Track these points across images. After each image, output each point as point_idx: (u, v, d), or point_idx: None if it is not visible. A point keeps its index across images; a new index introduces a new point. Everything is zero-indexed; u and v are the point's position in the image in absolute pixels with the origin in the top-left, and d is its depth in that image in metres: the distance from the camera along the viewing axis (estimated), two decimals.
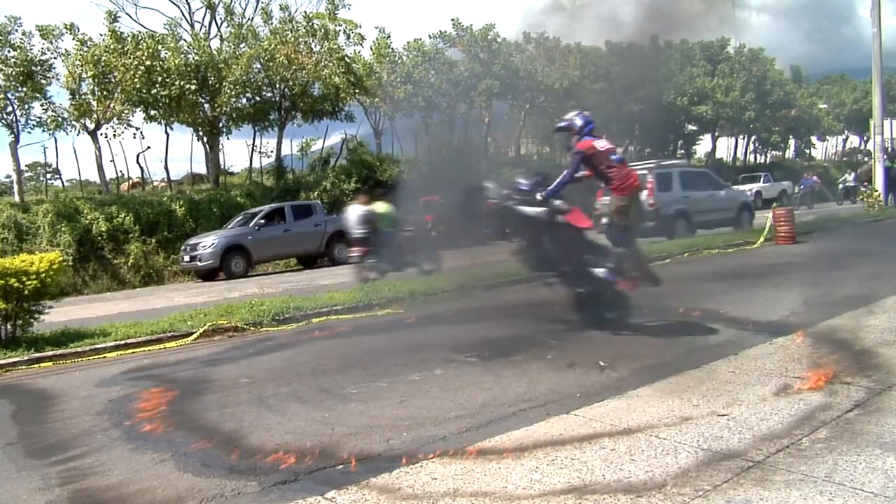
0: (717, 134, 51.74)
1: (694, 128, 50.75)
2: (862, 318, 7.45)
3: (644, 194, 16.91)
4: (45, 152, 62.27)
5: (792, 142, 58.06)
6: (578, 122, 8.03)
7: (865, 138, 56.33)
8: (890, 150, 28.48)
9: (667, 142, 49.92)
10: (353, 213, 15.24)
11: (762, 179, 41.92)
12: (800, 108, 52.15)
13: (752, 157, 56.54)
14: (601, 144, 7.81)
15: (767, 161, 56.39)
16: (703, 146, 56.19)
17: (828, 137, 62.78)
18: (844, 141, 66.97)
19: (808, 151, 60.33)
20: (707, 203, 20.73)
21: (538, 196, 7.92)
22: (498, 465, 4.06)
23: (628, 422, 4.67)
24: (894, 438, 3.98)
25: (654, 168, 20.25)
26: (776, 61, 51.48)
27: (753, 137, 54.04)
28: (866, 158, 31.18)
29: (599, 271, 7.81)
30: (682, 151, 52.88)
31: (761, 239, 17.64)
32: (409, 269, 15.10)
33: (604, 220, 8.44)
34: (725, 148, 55.99)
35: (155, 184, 33.41)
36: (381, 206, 15.74)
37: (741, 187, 41.47)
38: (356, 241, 14.89)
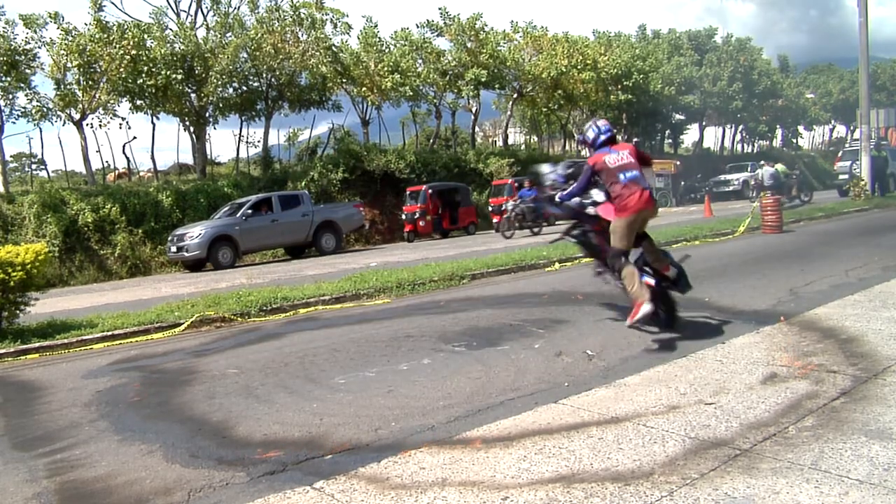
0: (704, 123, 51.93)
1: (681, 117, 50.93)
2: (848, 307, 7.49)
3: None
4: (30, 143, 62.14)
5: (779, 131, 58.37)
6: (590, 134, 7.62)
7: (852, 128, 56.71)
8: (876, 139, 28.66)
9: (654, 131, 50.09)
10: (766, 171, 28.66)
11: (749, 169, 42.17)
12: (787, 97, 52.44)
13: (739, 147, 56.84)
14: (612, 160, 7.30)
15: (755, 150, 56.74)
16: (690, 135, 56.40)
17: (814, 127, 63.20)
18: (831, 130, 67.38)
19: (794, 141, 60.68)
20: None
21: (557, 196, 7.76)
22: (486, 454, 4.06)
23: (616, 410, 4.69)
24: (880, 426, 4.01)
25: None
26: (763, 51, 51.73)
27: (741, 127, 54.31)
28: (841, 150, 31.78)
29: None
30: (670, 141, 53.07)
31: (742, 228, 17.76)
32: (796, 201, 27.61)
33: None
34: (713, 137, 56.32)
35: (141, 174, 33.28)
36: (780, 167, 29.62)
37: (727, 177, 41.72)
38: (767, 188, 26.52)
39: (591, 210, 7.63)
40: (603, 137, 7.37)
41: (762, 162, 40.59)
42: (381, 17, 39.80)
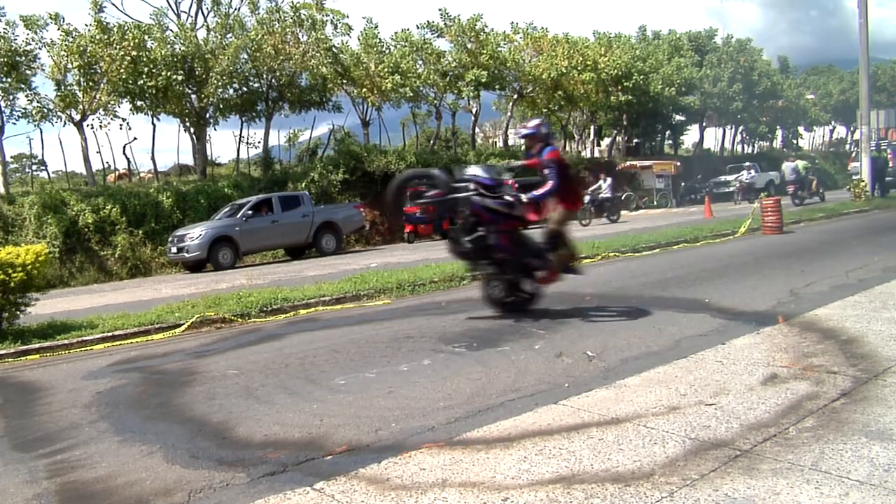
0: (704, 124, 51.88)
1: (681, 118, 50.88)
2: (849, 308, 7.49)
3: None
4: (30, 143, 62.19)
5: (779, 132, 58.35)
6: (544, 130, 8.22)
7: (852, 129, 56.72)
8: (876, 139, 28.68)
9: (654, 132, 50.05)
10: (787, 167, 29.49)
11: (749, 169, 42.13)
12: (787, 98, 52.40)
13: (739, 148, 56.83)
14: (563, 155, 8.04)
15: (755, 151, 56.73)
16: (690, 136, 56.36)
17: (815, 128, 63.17)
18: (831, 131, 67.36)
19: (795, 142, 60.66)
20: None
21: (524, 198, 8.07)
22: (486, 455, 4.06)
23: (616, 411, 4.68)
24: (880, 427, 4.00)
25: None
26: (763, 52, 51.69)
27: (741, 128, 54.26)
28: (855, 150, 32.08)
29: (535, 262, 8.45)
30: (670, 142, 53.05)
31: (742, 229, 17.76)
32: (815, 197, 29.12)
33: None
34: (713, 138, 56.26)
35: (142, 175, 33.27)
36: (801, 163, 30.22)
37: (728, 177, 41.68)
38: (789, 182, 28.70)
39: (517, 211, 8.15)
40: (552, 136, 8.14)
41: (747, 165, 40.72)
42: (381, 18, 40.07)
